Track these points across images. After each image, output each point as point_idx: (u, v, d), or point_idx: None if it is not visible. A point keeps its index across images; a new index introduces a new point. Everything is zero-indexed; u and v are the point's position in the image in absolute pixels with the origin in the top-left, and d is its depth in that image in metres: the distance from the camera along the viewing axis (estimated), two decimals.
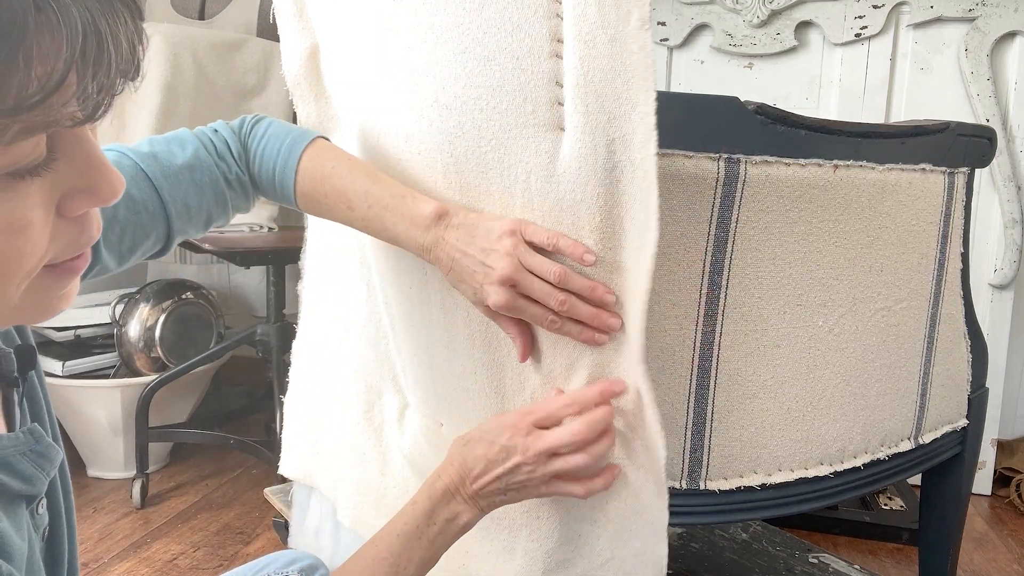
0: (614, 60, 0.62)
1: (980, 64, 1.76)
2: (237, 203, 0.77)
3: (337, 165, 0.75)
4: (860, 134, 0.79)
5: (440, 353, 0.83)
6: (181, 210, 0.71)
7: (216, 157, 0.74)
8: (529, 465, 0.69)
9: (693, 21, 1.92)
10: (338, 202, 0.74)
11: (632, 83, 0.63)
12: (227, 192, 0.75)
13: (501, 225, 0.69)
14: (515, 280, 0.68)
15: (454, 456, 0.72)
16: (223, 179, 0.74)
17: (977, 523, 1.70)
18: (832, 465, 0.86)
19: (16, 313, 0.40)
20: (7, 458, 0.48)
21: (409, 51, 0.74)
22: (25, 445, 0.49)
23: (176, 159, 0.71)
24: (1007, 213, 1.78)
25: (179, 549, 1.53)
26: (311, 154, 0.75)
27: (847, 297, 0.83)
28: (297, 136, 0.76)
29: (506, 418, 0.71)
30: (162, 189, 0.70)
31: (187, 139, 0.74)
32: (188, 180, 0.72)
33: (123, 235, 0.67)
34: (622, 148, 0.65)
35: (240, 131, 0.77)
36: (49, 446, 0.51)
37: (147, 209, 0.68)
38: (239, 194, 0.77)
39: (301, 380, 1.11)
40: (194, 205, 0.72)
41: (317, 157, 0.75)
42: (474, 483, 0.70)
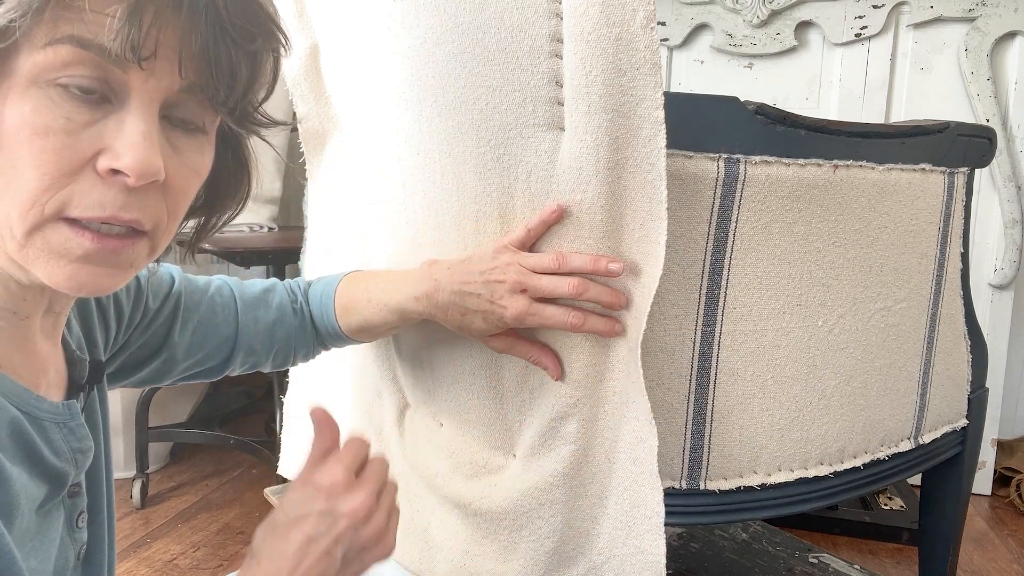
0: (619, 59, 0.62)
1: (980, 64, 1.76)
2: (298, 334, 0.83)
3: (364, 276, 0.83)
4: (860, 134, 0.79)
5: (440, 353, 0.83)
6: (249, 321, 0.79)
7: (288, 290, 0.84)
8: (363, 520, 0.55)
9: (693, 21, 1.92)
10: (361, 298, 0.80)
11: (638, 79, 0.63)
12: (292, 319, 0.82)
13: (490, 247, 0.72)
14: (525, 284, 0.69)
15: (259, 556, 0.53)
16: (290, 306, 0.82)
17: (977, 523, 1.71)
18: (832, 465, 0.86)
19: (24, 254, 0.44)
20: (43, 421, 0.49)
21: (409, 51, 0.74)
22: (60, 416, 0.51)
23: (257, 285, 0.82)
24: (1007, 213, 1.78)
25: (179, 549, 1.53)
26: (346, 278, 0.83)
27: (847, 297, 0.83)
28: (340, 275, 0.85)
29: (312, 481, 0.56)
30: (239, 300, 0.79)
31: (272, 279, 0.85)
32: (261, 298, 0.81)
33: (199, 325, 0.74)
34: (626, 144, 0.65)
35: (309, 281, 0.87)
36: (79, 425, 0.53)
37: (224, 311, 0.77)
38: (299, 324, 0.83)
39: (301, 380, 1.11)
40: (261, 319, 0.80)
41: (349, 278, 0.83)
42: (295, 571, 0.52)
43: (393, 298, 0.77)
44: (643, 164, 0.65)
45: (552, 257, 0.69)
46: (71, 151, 0.42)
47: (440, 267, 0.74)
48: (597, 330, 0.70)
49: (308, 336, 0.84)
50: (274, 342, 0.81)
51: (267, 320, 0.80)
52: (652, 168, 0.65)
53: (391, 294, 0.77)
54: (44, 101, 0.41)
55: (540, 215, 0.69)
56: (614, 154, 0.65)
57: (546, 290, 0.69)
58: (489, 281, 0.70)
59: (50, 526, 0.49)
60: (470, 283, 0.71)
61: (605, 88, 0.63)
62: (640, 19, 0.61)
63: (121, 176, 0.43)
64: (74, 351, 0.56)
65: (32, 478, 0.47)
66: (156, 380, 0.74)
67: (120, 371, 0.69)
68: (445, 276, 0.73)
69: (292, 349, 0.83)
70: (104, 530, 0.56)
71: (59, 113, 0.42)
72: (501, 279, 0.70)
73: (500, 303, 0.70)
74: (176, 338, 0.72)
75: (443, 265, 0.74)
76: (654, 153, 0.64)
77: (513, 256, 0.71)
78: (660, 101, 0.63)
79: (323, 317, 0.83)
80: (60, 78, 0.41)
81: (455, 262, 0.74)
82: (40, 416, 0.49)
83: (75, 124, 0.42)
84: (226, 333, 0.77)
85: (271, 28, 0.48)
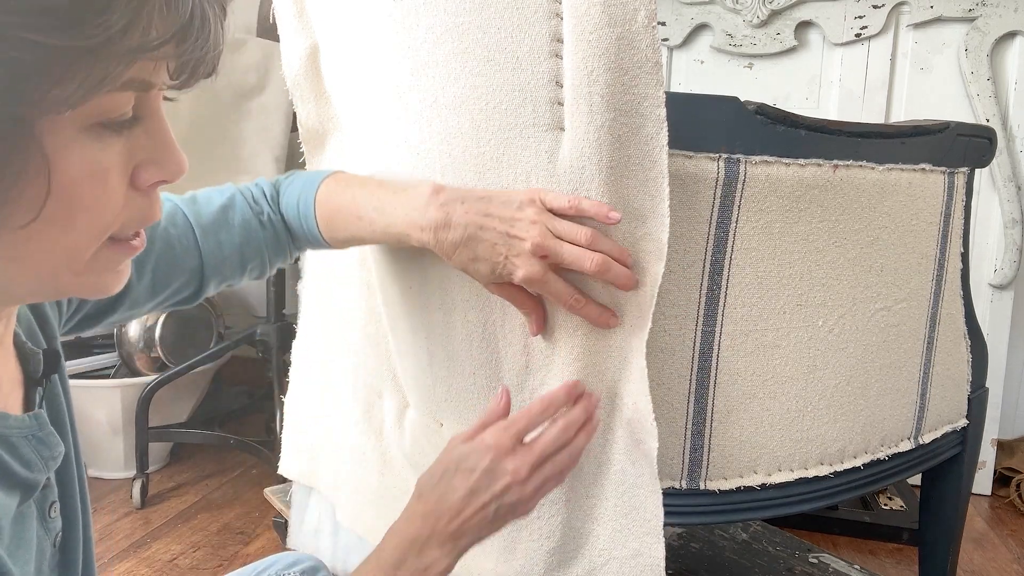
0: (621, 58, 0.63)
1: (980, 64, 1.76)
2: (270, 245, 0.78)
3: (349, 184, 0.76)
4: (860, 134, 0.79)
5: (439, 353, 0.83)
6: (213, 247, 0.73)
7: (251, 200, 0.77)
8: (520, 483, 0.63)
9: (693, 21, 1.92)
10: (349, 214, 0.74)
11: (640, 78, 0.63)
12: (260, 232, 0.77)
13: (518, 194, 0.66)
14: (546, 248, 0.65)
15: (425, 496, 0.63)
16: (256, 220, 0.77)
17: (977, 523, 1.70)
18: (832, 465, 0.86)
19: (78, 281, 0.44)
20: (10, 438, 0.48)
21: (408, 51, 0.74)
22: (28, 429, 0.50)
23: (213, 202, 0.75)
24: (1007, 213, 1.78)
25: (179, 549, 1.53)
26: (328, 181, 0.77)
27: (847, 297, 0.83)
28: (320, 174, 0.78)
29: (483, 439, 0.64)
30: (197, 227, 0.73)
31: (228, 187, 0.78)
32: (222, 219, 0.74)
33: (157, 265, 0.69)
34: (628, 143, 0.65)
35: (276, 181, 0.81)
36: (50, 434, 0.51)
37: (181, 243, 0.71)
38: (271, 235, 0.78)
39: (301, 380, 1.11)
40: (226, 243, 0.74)
41: (334, 182, 0.77)
42: (454, 520, 0.62)
43: (391, 223, 0.71)
44: (645, 162, 0.65)
45: (587, 233, 0.65)
46: (122, 182, 0.42)
47: (452, 197, 0.68)
48: (591, 317, 0.68)
49: (282, 245, 0.80)
50: (246, 261, 0.77)
51: (232, 242, 0.75)
52: (654, 166, 0.65)
53: (388, 217, 0.71)
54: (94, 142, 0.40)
55: (597, 205, 0.65)
56: (616, 153, 0.65)
57: (567, 261, 0.65)
58: (509, 235, 0.65)
59: (25, 528, 0.49)
60: (487, 228, 0.66)
61: (607, 88, 0.63)
62: (642, 18, 0.61)
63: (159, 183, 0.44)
64: (25, 344, 0.53)
65: (5, 493, 0.47)
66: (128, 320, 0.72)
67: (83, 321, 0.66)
68: (459, 212, 0.67)
69: (266, 262, 0.79)
70: (78, 513, 0.55)
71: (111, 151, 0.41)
72: (523, 236, 0.65)
73: (514, 260, 0.66)
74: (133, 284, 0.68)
75: (456, 196, 0.68)
76: (656, 151, 0.64)
77: (540, 214, 0.65)
78: (662, 99, 0.63)
79: (303, 227, 0.77)
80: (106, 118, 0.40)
81: (470, 195, 0.68)
82: (6, 433, 0.48)
83: (121, 155, 0.42)
84: (190, 266, 0.72)
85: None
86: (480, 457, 0.62)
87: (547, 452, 0.64)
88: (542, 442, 0.64)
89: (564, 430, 0.65)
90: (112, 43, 0.37)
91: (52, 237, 0.40)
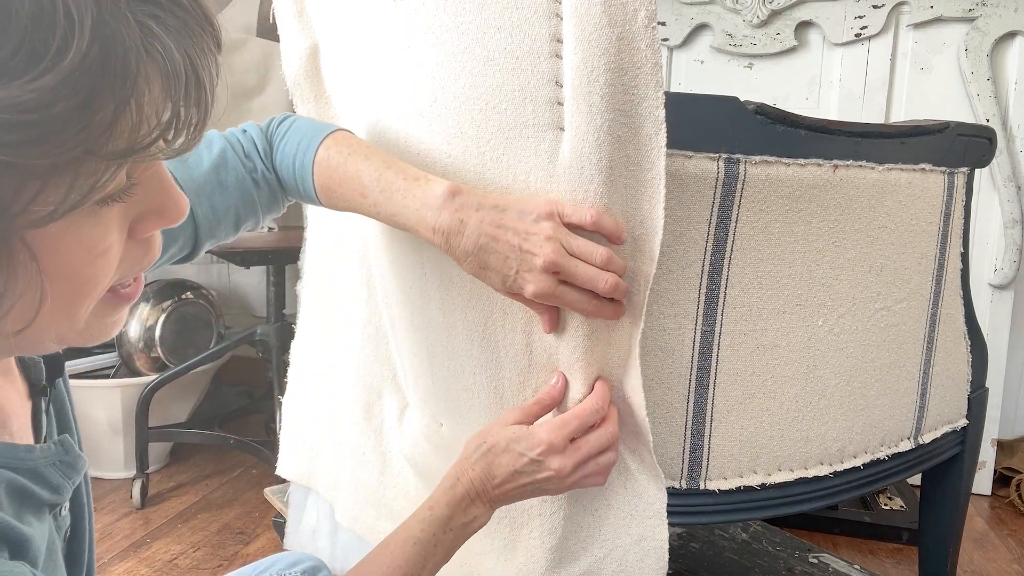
0: (621, 58, 0.63)
1: (980, 64, 1.76)
2: (265, 203, 0.76)
3: (353, 152, 0.72)
4: (860, 134, 0.79)
5: (439, 353, 0.83)
6: (207, 212, 0.71)
7: (243, 156, 0.73)
8: (560, 479, 0.69)
9: (693, 21, 1.92)
10: (352, 189, 0.71)
11: (639, 79, 0.63)
12: (254, 191, 0.74)
13: (536, 207, 0.65)
14: (560, 266, 0.64)
15: (474, 460, 0.70)
16: (249, 178, 0.73)
17: (977, 523, 1.70)
18: (832, 465, 0.86)
19: (78, 336, 0.41)
20: (39, 469, 0.47)
21: (409, 51, 0.74)
22: (55, 456, 0.49)
23: (203, 161, 0.71)
24: (1007, 213, 1.78)
25: (179, 549, 1.53)
26: (328, 143, 0.72)
27: (847, 297, 0.83)
28: (319, 128, 0.74)
29: (538, 433, 0.69)
30: (188, 192, 0.69)
31: (214, 140, 0.73)
32: (214, 181, 0.71)
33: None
34: (627, 143, 0.65)
35: (267, 130, 0.76)
36: (77, 457, 0.51)
37: None
38: (266, 193, 0.75)
39: (300, 380, 1.11)
40: (220, 206, 0.72)
41: (335, 145, 0.72)
42: (497, 488, 0.69)
43: (398, 213, 0.69)
44: (643, 163, 0.65)
45: (602, 254, 0.64)
46: (121, 240, 0.39)
47: (468, 203, 0.66)
48: (608, 315, 0.68)
49: (277, 200, 0.77)
50: (240, 221, 0.74)
51: (227, 204, 0.72)
52: (652, 167, 0.65)
53: (396, 206, 0.68)
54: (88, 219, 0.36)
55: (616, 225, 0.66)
56: (615, 153, 0.65)
57: (580, 281, 0.65)
58: (523, 249, 0.64)
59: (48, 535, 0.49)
60: (500, 240, 0.65)
61: (607, 88, 0.63)
62: (642, 19, 0.61)
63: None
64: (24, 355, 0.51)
65: (39, 520, 0.47)
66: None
67: None
68: (474, 220, 0.65)
69: (261, 218, 0.77)
70: (84, 508, 0.56)
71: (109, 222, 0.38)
72: (536, 251, 0.64)
73: (525, 275, 0.65)
74: None
75: (471, 201, 0.66)
76: (654, 152, 0.64)
77: (556, 229, 0.64)
78: (661, 100, 0.63)
79: (298, 187, 0.75)
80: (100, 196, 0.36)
81: (486, 201, 0.66)
82: (33, 465, 0.47)
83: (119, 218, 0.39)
84: (184, 233, 0.70)
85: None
86: (531, 447, 0.68)
87: (591, 454, 0.69)
88: (588, 445, 0.69)
89: (610, 435, 0.70)
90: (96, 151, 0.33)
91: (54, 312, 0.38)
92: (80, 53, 0.31)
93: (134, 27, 0.33)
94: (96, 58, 0.31)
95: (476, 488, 0.69)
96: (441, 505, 0.69)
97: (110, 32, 0.32)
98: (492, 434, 0.70)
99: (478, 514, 0.69)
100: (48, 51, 0.30)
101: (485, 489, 0.69)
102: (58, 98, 0.31)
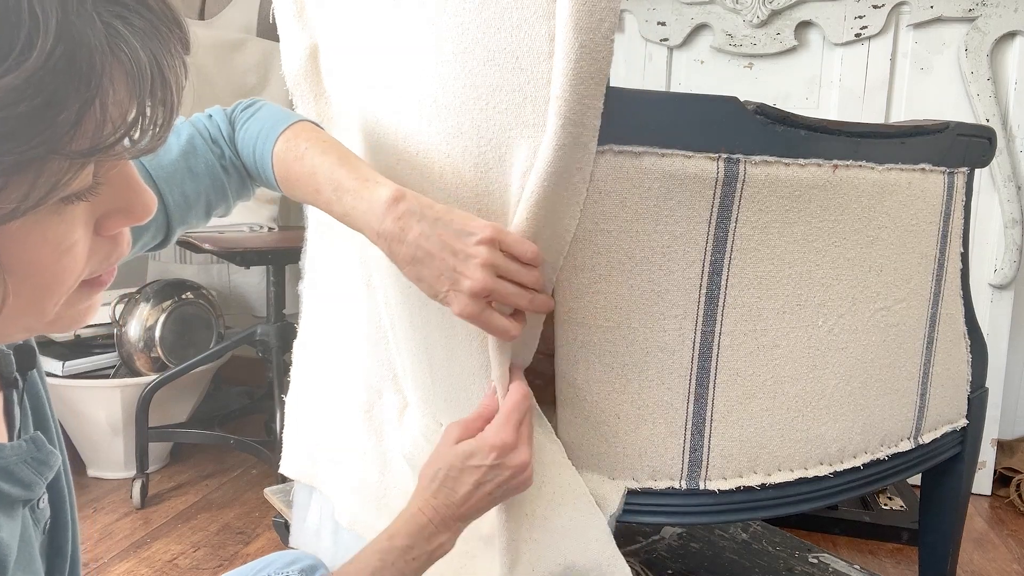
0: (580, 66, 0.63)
1: (980, 64, 1.76)
2: (235, 188, 0.76)
3: (310, 147, 0.71)
4: (860, 134, 0.79)
5: (439, 353, 0.83)
6: (179, 200, 0.71)
7: (210, 142, 0.73)
8: (522, 470, 0.70)
9: (693, 21, 1.92)
10: (308, 185, 0.70)
11: (591, 88, 0.64)
12: (223, 177, 0.74)
13: (478, 227, 0.65)
14: (492, 291, 0.65)
15: (434, 489, 0.70)
16: (218, 164, 0.73)
17: (977, 523, 1.70)
18: (832, 465, 0.86)
19: (49, 326, 0.41)
20: (9, 467, 0.47)
21: (408, 51, 0.74)
22: (27, 453, 0.49)
23: (172, 148, 0.71)
24: (1007, 213, 1.78)
25: (179, 549, 1.53)
26: (288, 135, 0.72)
27: (847, 297, 0.83)
28: (279, 119, 0.74)
29: (487, 439, 0.70)
30: (159, 180, 0.69)
31: (181, 127, 0.73)
32: (184, 168, 0.71)
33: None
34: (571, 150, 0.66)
35: (231, 115, 0.76)
36: (50, 453, 0.51)
37: None
38: (235, 179, 0.75)
39: (301, 380, 1.11)
40: (191, 193, 0.71)
41: (294, 138, 0.72)
42: (460, 508, 0.70)
43: (348, 214, 0.69)
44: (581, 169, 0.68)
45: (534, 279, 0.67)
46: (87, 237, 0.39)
47: (411, 210, 0.66)
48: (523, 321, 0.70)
49: (246, 185, 0.77)
50: (211, 208, 0.74)
51: (197, 191, 0.72)
52: (578, 172, 0.68)
53: (346, 207, 0.69)
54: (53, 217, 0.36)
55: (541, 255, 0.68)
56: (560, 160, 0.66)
57: (508, 301, 0.67)
58: (456, 269, 0.65)
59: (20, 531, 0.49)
60: (436, 256, 0.65)
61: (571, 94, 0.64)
62: (604, 30, 0.62)
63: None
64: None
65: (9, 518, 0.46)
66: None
67: None
68: (414, 230, 0.66)
69: (231, 204, 0.77)
70: (65, 498, 0.55)
71: (74, 219, 0.37)
72: (468, 275, 0.64)
73: (454, 295, 0.65)
74: None
75: (414, 209, 0.66)
76: (586, 158, 0.67)
77: (493, 255, 0.65)
78: (600, 111, 0.65)
79: (260, 174, 0.74)
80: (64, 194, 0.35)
81: (429, 211, 0.66)
82: (3, 464, 0.47)
83: (85, 216, 0.38)
84: (155, 221, 0.69)
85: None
86: (486, 455, 0.69)
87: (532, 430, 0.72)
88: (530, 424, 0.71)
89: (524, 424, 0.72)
90: (59, 150, 0.33)
91: (20, 307, 0.38)
92: (44, 53, 0.31)
93: (99, 27, 0.33)
94: (61, 58, 0.31)
95: (441, 515, 0.69)
96: (401, 535, 0.68)
97: (75, 32, 0.32)
98: (443, 458, 0.71)
99: (443, 540, 0.70)
100: (12, 51, 0.30)
101: (451, 513, 0.69)
102: (22, 97, 0.31)
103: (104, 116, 0.34)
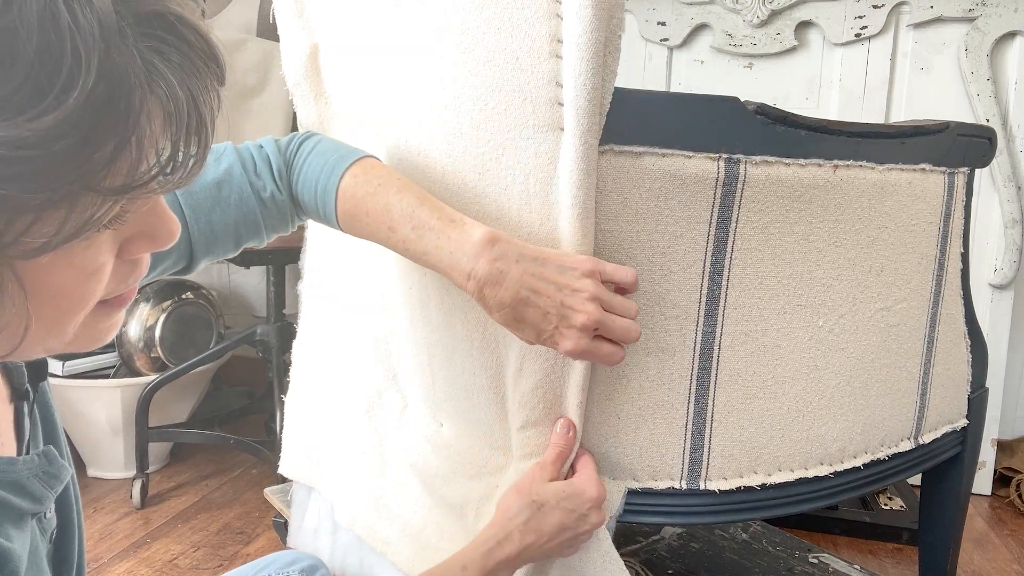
0: (606, 61, 0.63)
1: (980, 64, 1.76)
2: (271, 223, 0.74)
3: (384, 183, 0.69)
4: (860, 134, 0.79)
5: (439, 353, 0.83)
6: (204, 228, 0.69)
7: (252, 173, 0.71)
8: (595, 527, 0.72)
9: (693, 21, 1.92)
10: (380, 222, 0.68)
11: (608, 83, 0.64)
12: (258, 209, 0.72)
13: (578, 262, 0.65)
14: (602, 325, 0.64)
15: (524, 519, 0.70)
16: (255, 196, 0.71)
17: (977, 523, 1.70)
18: (832, 465, 0.86)
19: (68, 346, 0.41)
20: (20, 480, 0.47)
21: (408, 51, 0.74)
22: (39, 467, 0.49)
23: (206, 174, 0.69)
24: (1007, 213, 1.78)
25: (179, 549, 1.53)
26: (356, 171, 0.70)
27: (847, 297, 0.83)
28: (344, 154, 0.72)
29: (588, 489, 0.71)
30: (186, 206, 0.68)
31: (225, 154, 0.72)
32: (215, 196, 0.69)
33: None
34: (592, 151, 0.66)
35: (287, 149, 0.74)
36: (61, 467, 0.51)
37: None
38: (273, 213, 0.73)
39: (301, 380, 1.11)
40: (218, 222, 0.70)
41: (363, 174, 0.70)
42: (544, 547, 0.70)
43: (429, 253, 0.66)
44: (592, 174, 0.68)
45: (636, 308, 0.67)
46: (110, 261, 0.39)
47: (508, 252, 0.64)
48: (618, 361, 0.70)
49: (286, 219, 0.75)
50: (241, 239, 0.72)
51: (226, 222, 0.70)
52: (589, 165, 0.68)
53: (427, 246, 0.66)
54: (84, 243, 0.36)
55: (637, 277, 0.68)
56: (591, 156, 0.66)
57: (618, 336, 0.66)
58: (564, 304, 0.63)
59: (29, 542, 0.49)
60: (542, 294, 0.64)
61: (592, 91, 0.64)
62: (615, 24, 0.62)
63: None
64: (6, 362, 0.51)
65: (19, 530, 0.46)
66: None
67: None
68: (515, 271, 0.63)
69: (264, 236, 0.75)
70: (72, 508, 0.55)
71: (101, 248, 0.37)
72: (579, 309, 0.63)
73: (564, 332, 0.64)
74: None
75: (511, 251, 0.64)
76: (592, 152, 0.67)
77: (598, 287, 0.64)
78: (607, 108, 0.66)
79: (319, 212, 0.72)
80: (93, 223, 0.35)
81: (526, 253, 0.64)
82: (15, 478, 0.47)
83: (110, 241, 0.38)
84: (178, 248, 0.68)
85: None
86: (580, 504, 0.71)
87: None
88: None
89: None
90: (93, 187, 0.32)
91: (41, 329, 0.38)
92: (85, 91, 0.30)
93: (139, 64, 0.32)
94: (101, 96, 0.31)
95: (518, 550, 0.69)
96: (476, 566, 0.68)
97: (116, 70, 0.31)
98: (536, 492, 0.70)
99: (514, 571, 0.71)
100: (53, 88, 0.30)
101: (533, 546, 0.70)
102: (60, 135, 0.30)
103: (140, 154, 0.33)
